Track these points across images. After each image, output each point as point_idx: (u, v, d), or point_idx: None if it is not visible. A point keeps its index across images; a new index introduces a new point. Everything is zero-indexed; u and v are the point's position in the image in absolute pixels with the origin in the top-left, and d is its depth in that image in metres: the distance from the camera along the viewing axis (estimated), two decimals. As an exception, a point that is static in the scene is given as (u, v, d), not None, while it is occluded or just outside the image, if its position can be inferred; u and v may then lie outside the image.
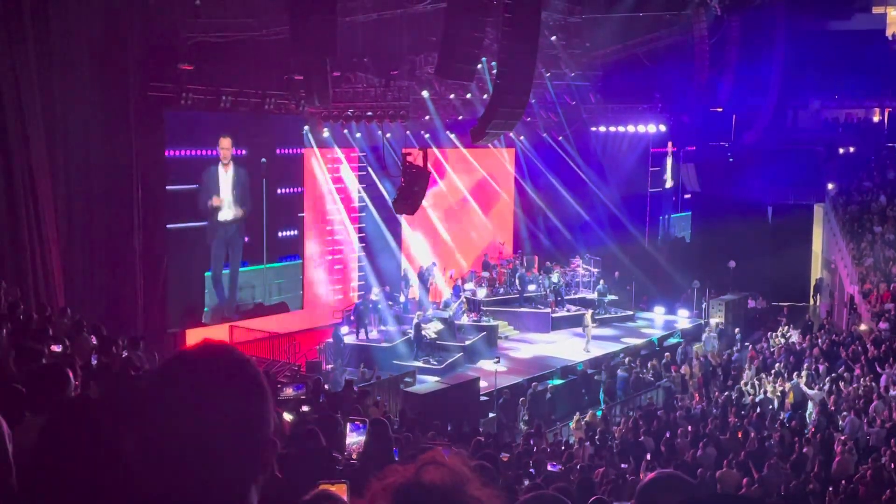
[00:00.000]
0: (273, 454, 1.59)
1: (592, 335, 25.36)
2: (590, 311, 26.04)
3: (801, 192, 33.43)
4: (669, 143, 32.57)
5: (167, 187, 20.97)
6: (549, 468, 10.55)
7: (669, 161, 33.16)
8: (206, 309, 22.19)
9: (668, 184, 33.22)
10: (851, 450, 15.01)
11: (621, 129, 31.54)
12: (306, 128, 24.70)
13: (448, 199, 29.19)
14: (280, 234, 24.19)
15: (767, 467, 14.15)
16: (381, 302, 24.74)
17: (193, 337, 22.10)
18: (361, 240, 26.91)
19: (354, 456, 5.34)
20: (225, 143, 22.44)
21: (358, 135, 25.74)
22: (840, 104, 39.81)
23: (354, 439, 5.41)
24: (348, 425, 5.52)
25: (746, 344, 25.58)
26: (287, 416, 7.42)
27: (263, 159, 23.34)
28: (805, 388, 19.61)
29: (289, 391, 8.22)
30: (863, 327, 23.63)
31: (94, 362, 9.24)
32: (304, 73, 20.07)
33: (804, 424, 17.78)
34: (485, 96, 24.55)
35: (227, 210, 22.68)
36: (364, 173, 26.39)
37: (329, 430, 6.00)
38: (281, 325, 23.18)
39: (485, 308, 26.27)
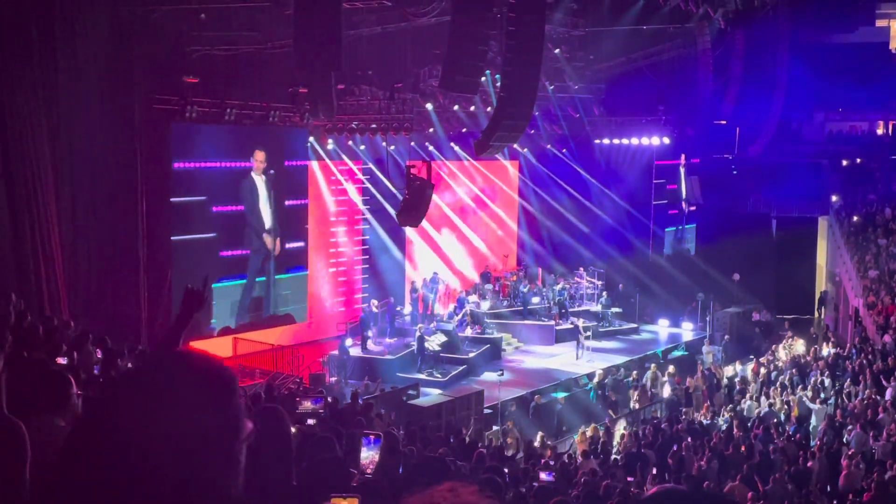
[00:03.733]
0: (235, 473, 1.51)
1: (591, 347, 25.36)
2: (581, 321, 26.10)
3: (805, 205, 33.42)
4: (683, 157, 32.58)
5: (171, 199, 21.04)
6: (544, 476, 10.46)
7: (683, 174, 33.18)
8: (214, 321, 22.30)
9: (684, 195, 33.16)
10: (859, 464, 14.93)
11: (625, 141, 31.57)
12: (311, 140, 24.78)
13: (452, 211, 29.21)
14: (287, 245, 24.27)
15: (772, 481, 14.09)
16: (383, 314, 24.72)
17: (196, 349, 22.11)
18: (365, 252, 26.95)
19: (369, 471, 5.31)
20: (259, 155, 22.92)
21: (362, 147, 25.81)
22: (844, 117, 39.86)
23: (368, 454, 5.36)
24: (362, 440, 5.47)
25: (751, 357, 25.51)
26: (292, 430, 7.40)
27: (272, 171, 23.54)
28: (808, 403, 19.53)
29: (307, 404, 8.15)
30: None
31: (97, 374, 9.23)
32: (308, 86, 20.16)
33: (809, 438, 17.70)
34: (488, 109, 24.62)
35: (267, 221, 23.35)
36: (368, 185, 26.45)
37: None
38: (284, 338, 23.18)
39: (488, 320, 26.24)
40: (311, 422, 7.78)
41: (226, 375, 1.55)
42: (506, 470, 11.73)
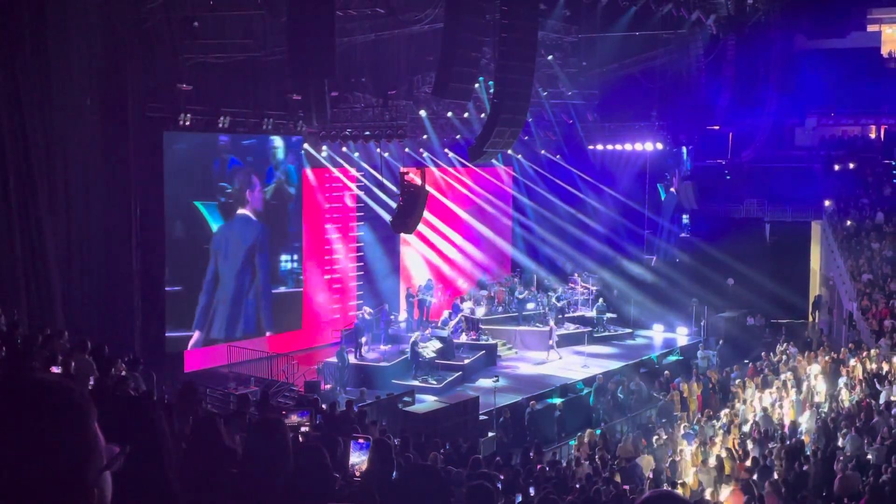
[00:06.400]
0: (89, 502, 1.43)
1: (587, 352, 25.42)
2: (552, 321, 26.16)
3: (798, 209, 33.50)
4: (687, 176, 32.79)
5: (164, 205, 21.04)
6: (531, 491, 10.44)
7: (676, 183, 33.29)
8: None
9: (694, 206, 33.19)
10: (854, 468, 14.94)
11: (619, 146, 31.65)
12: (306, 146, 24.79)
13: (447, 217, 29.21)
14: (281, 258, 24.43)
15: (768, 486, 14.09)
16: (377, 321, 24.69)
17: (191, 357, 22.08)
18: (360, 259, 26.93)
19: (358, 474, 5.31)
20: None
21: (356, 154, 25.82)
22: (836, 121, 40.01)
23: (358, 458, 5.36)
24: (351, 444, 5.47)
25: (746, 361, 25.52)
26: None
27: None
28: (803, 406, 19.55)
29: (294, 417, 8.13)
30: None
31: (91, 383, 9.22)
32: (302, 94, 20.19)
33: (804, 442, 17.70)
34: (482, 115, 24.64)
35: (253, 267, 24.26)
36: (362, 192, 26.44)
37: (329, 450, 5.97)
38: (279, 345, 23.14)
39: (483, 326, 26.23)
40: (304, 429, 7.77)
41: (71, 402, 1.45)
42: (501, 477, 11.74)
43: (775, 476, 14.79)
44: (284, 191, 24.30)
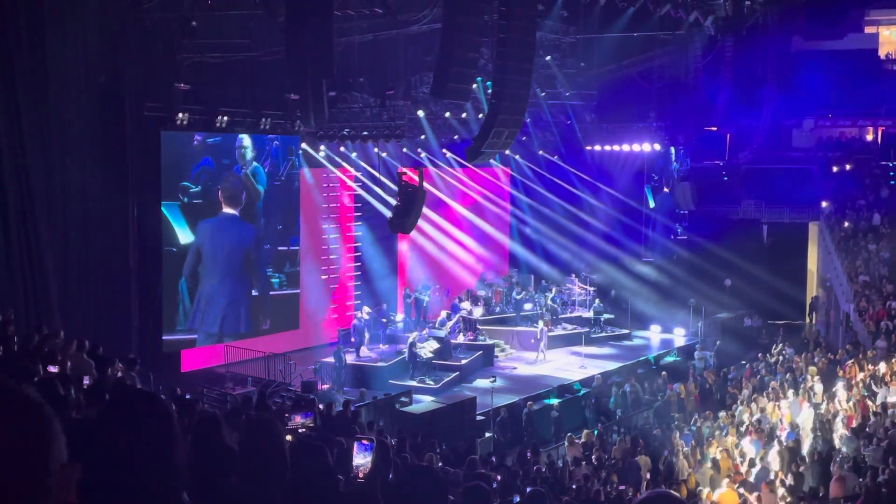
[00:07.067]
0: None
1: (584, 353, 25.40)
2: (541, 320, 26.13)
3: (795, 211, 33.57)
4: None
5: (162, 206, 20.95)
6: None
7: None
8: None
9: (692, 206, 33.19)
10: (850, 469, 14.97)
11: (616, 147, 31.67)
12: (303, 146, 24.77)
13: (445, 217, 29.22)
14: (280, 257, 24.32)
15: (765, 487, 14.11)
16: (375, 321, 24.68)
17: (188, 357, 22.06)
18: (358, 258, 26.93)
19: (361, 475, 5.30)
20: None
21: (354, 154, 25.81)
22: (834, 123, 40.08)
23: (362, 460, 5.34)
24: (355, 445, 5.46)
25: (743, 362, 25.55)
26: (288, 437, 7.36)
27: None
28: (800, 407, 19.56)
29: (297, 419, 8.09)
30: None
31: (87, 382, 9.20)
32: (300, 94, 20.14)
33: (801, 443, 17.71)
34: (480, 116, 24.63)
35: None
36: (360, 192, 26.44)
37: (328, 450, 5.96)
38: (276, 345, 23.10)
39: (481, 327, 26.24)
40: (302, 430, 7.76)
41: (33, 411, 1.46)
42: (498, 477, 11.75)
43: (772, 477, 14.81)
44: (252, 191, 23.45)
